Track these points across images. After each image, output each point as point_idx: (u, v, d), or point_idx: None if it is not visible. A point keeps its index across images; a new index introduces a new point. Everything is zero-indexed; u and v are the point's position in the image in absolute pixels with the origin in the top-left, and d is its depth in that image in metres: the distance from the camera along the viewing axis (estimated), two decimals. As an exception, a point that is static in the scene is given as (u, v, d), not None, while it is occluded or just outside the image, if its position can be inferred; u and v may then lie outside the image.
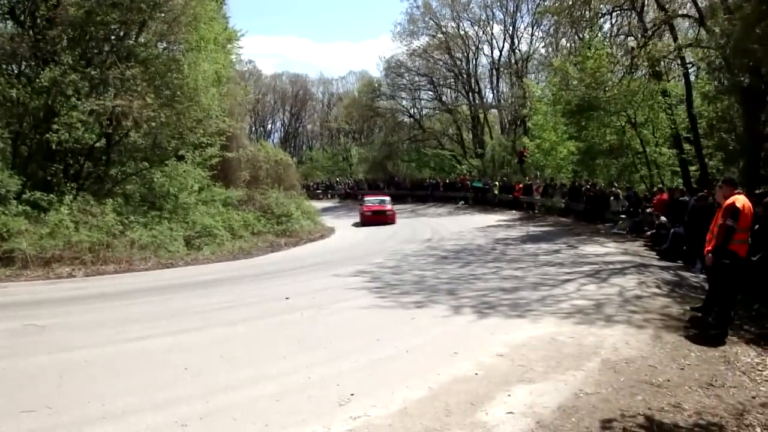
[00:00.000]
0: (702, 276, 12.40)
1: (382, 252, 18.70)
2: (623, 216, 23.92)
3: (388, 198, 34.36)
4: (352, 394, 6.22)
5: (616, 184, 27.54)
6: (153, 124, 18.06)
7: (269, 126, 71.23)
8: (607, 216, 25.37)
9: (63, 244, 14.83)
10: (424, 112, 55.71)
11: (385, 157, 52.55)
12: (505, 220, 30.48)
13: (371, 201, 33.18)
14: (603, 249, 18.72)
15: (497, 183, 40.10)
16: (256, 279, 14.33)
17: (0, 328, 9.13)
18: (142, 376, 6.89)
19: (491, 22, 50.20)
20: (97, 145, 17.36)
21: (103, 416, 5.71)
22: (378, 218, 30.86)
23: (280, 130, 71.80)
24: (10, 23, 18.64)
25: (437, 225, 28.95)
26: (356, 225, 30.77)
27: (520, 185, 36.82)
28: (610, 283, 12.96)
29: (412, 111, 55.22)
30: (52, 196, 15.90)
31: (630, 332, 8.75)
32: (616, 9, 27.33)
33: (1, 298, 11.60)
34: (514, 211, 34.60)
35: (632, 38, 28.08)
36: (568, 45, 34.66)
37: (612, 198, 25.91)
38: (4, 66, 18.06)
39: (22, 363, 7.42)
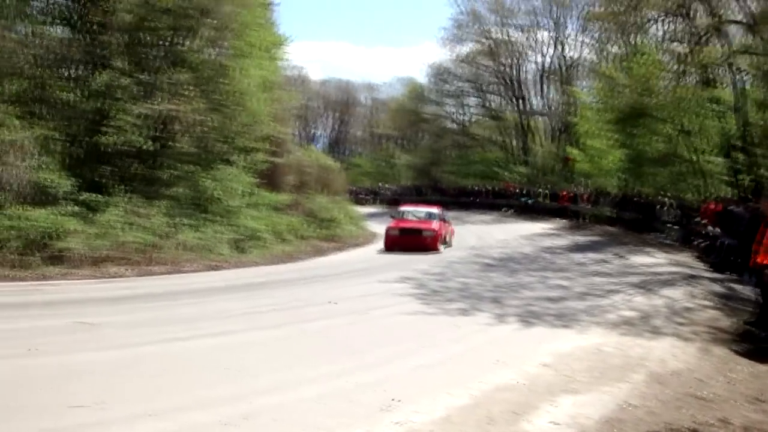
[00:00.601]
0: (755, 289, 12.14)
1: (426, 259, 18.68)
2: (673, 226, 23.53)
3: (436, 210, 24.07)
4: (393, 400, 6.21)
5: (669, 194, 27.05)
6: (203, 128, 18.39)
7: (315, 131, 71.77)
8: (655, 226, 24.99)
9: (113, 244, 15.11)
10: (471, 119, 55.53)
11: (430, 163, 52.50)
12: (551, 229, 30.27)
13: (408, 213, 24.13)
14: (651, 259, 18.48)
15: (546, 191, 39.73)
16: (301, 283, 14.42)
17: (51, 324, 9.32)
18: (188, 376, 6.98)
19: (538, 29, 49.83)
20: (147, 148, 17.68)
21: (150, 413, 5.77)
22: (409, 241, 21.18)
23: (327, 136, 72.27)
24: (62, 28, 19.07)
25: (482, 232, 28.82)
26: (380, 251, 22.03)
27: (566, 193, 36.51)
28: (658, 294, 12.79)
29: (457, 117, 55.11)
30: (102, 197, 16.22)
31: (677, 344, 8.62)
32: (666, 14, 26.99)
33: (52, 295, 11.82)
34: (559, 219, 34.30)
35: (682, 44, 27.69)
36: (617, 51, 34.22)
37: (661, 207, 25.51)
38: (58, 70, 18.53)
39: (72, 359, 7.55)
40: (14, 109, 16.21)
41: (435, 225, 22.18)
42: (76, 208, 15.47)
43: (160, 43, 19.48)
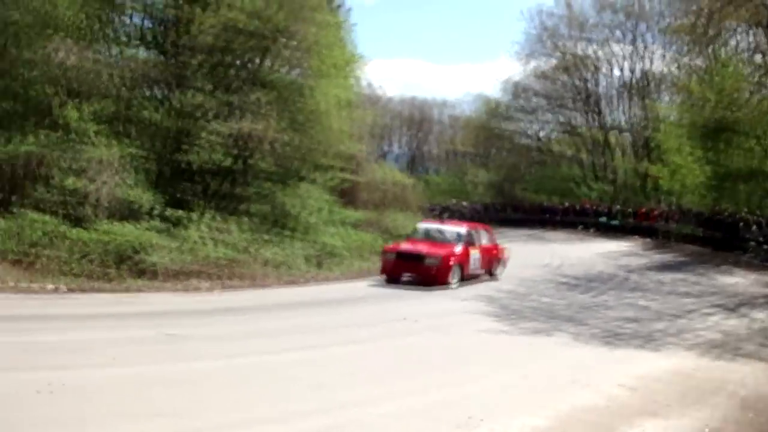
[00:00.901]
0: None
1: (499, 276, 18.49)
2: (760, 245, 22.73)
3: (464, 229, 18.28)
4: (470, 418, 6.23)
5: (757, 211, 26.07)
6: (282, 146, 18.82)
7: (392, 149, 71.83)
8: (741, 245, 24.19)
9: (195, 259, 15.48)
10: (549, 135, 54.65)
11: (508, 180, 51.87)
12: (629, 247, 29.55)
13: (427, 231, 18.55)
14: (736, 279, 17.94)
15: (630, 210, 38.73)
16: (378, 299, 14.44)
17: (138, 335, 9.63)
18: (268, 389, 7.15)
19: (615, 42, 48.83)
20: (229, 166, 18.19)
21: (230, 425, 5.96)
22: (407, 269, 16.87)
23: (404, 153, 72.11)
24: (148, 51, 19.82)
25: (557, 250, 28.19)
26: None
27: (645, 211, 35.72)
28: (742, 314, 12.45)
29: (534, 133, 54.41)
30: (186, 213, 16.71)
31: (761, 367, 8.40)
32: (748, 25, 26.23)
33: (137, 307, 12.16)
34: (638, 238, 33.45)
35: (765, 56, 26.85)
36: (698, 64, 33.35)
37: (746, 225, 24.67)
38: (144, 90, 19.28)
39: (156, 369, 7.82)
40: (104, 128, 16.93)
41: (448, 250, 16.87)
42: (162, 224, 16.00)
43: (240, 63, 20.04)
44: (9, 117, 17.17)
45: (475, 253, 17.57)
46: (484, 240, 18.69)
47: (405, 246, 17.47)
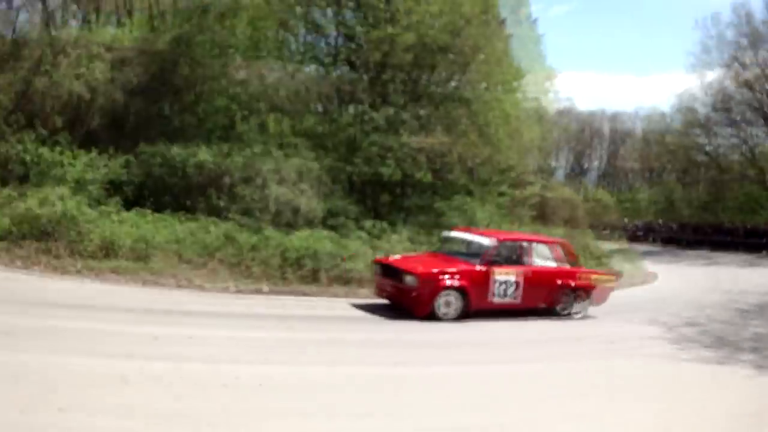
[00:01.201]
0: None
1: (677, 302, 17.91)
2: None
3: (487, 241, 13.60)
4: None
5: None
6: (472, 160, 19.52)
7: (584, 164, 69.60)
8: None
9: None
10: (725, 151, 50.49)
11: (711, 199, 48.01)
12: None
13: (453, 242, 14.91)
14: None
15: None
16: (547, 317, 13.93)
17: (333, 338, 10.58)
18: (443, 400, 7.60)
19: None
20: (423, 178, 19.08)
21: (428, 428, 6.56)
22: (389, 287, 13.29)
23: (596, 168, 69.46)
24: (346, 69, 21.22)
25: (738, 275, 26.75)
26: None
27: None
28: None
29: (713, 150, 50.62)
30: (380, 223, 17.94)
31: None
32: None
33: (335, 312, 13.04)
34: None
35: None
36: None
37: None
38: (340, 106, 20.75)
39: (356, 371, 8.59)
40: (305, 141, 18.38)
41: (440, 268, 12.88)
42: (361, 233, 17.24)
43: (432, 79, 20.93)
44: (198, 130, 19.09)
45: (503, 277, 13.01)
46: (539, 260, 14.27)
47: (392, 260, 13.75)
